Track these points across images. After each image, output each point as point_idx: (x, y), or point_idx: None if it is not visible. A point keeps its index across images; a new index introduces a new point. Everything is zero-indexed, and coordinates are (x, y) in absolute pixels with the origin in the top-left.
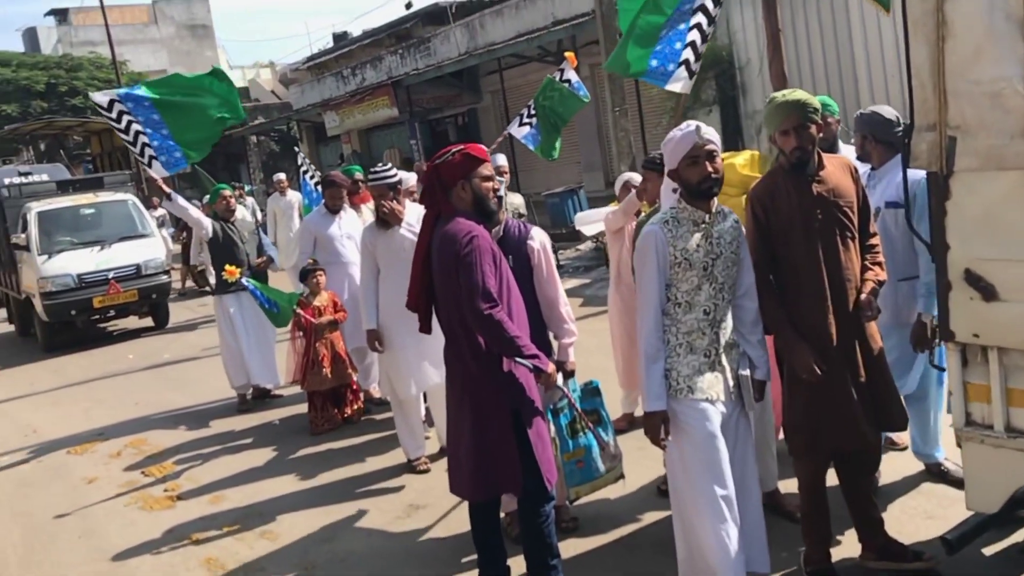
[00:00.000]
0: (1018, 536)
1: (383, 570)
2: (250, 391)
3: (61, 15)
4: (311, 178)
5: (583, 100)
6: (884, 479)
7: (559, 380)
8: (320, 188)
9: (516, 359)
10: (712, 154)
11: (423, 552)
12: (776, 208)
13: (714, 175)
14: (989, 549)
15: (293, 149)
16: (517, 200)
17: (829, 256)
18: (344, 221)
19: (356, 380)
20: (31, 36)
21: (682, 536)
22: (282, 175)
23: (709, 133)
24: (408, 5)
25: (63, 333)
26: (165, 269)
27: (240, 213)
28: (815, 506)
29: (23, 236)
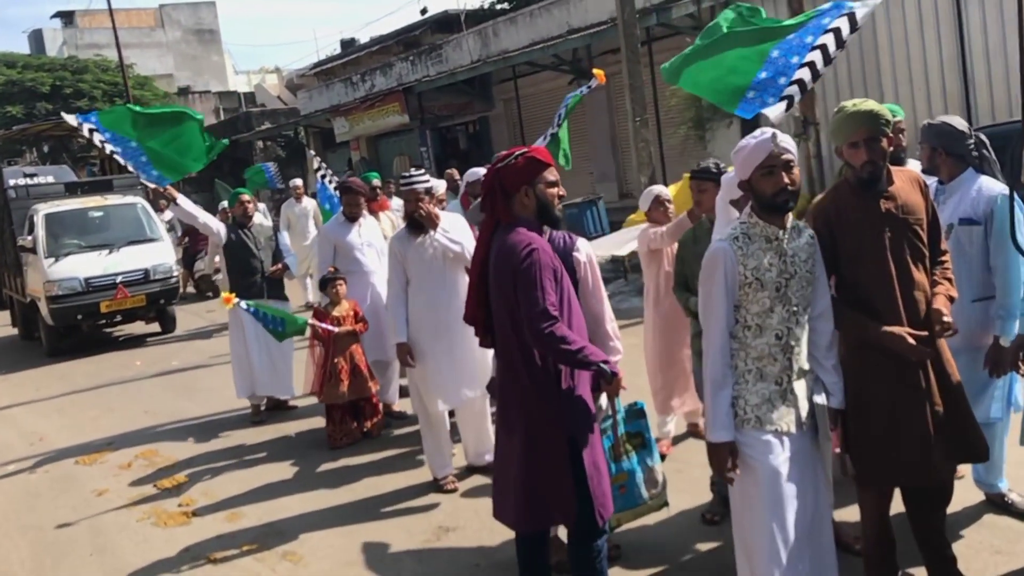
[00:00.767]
0: None
1: None
2: (264, 402)
3: (67, 17)
4: (329, 182)
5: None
6: None
7: (603, 401)
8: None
9: (586, 367)
10: (789, 164)
11: None
12: (843, 226)
13: (791, 187)
14: None
15: (301, 155)
16: None
17: (902, 277)
18: (364, 229)
19: (376, 393)
20: (37, 38)
21: (746, 569)
22: (298, 181)
23: (786, 141)
24: (423, 11)
25: (68, 338)
26: (174, 274)
27: (258, 219)
28: (880, 539)
29: (29, 238)
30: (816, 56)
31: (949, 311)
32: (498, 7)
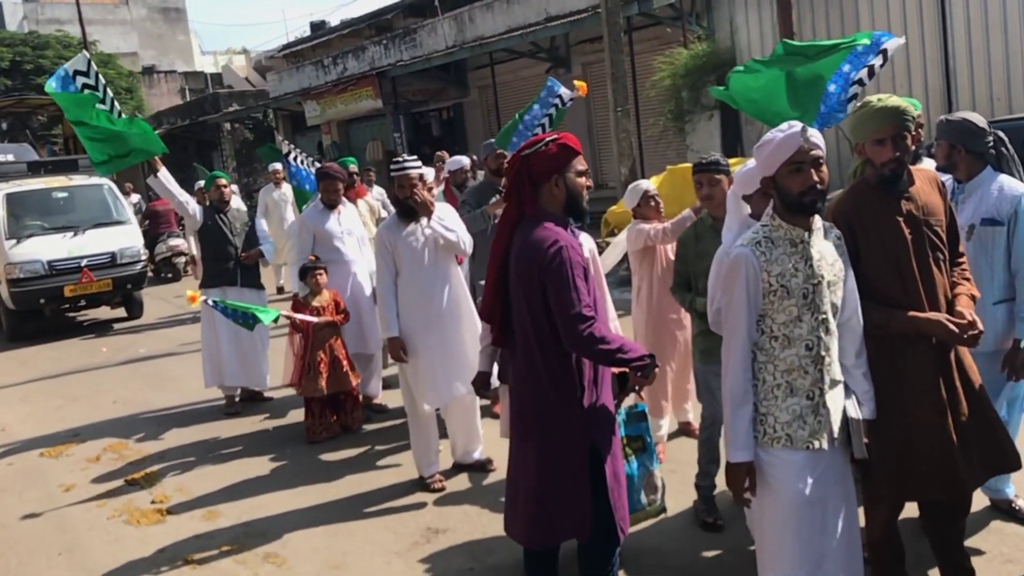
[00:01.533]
0: None
1: None
2: (238, 393)
3: None
4: (301, 163)
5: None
6: None
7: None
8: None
9: (624, 364)
10: (818, 161)
11: None
12: (863, 228)
13: (819, 186)
14: None
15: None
16: None
17: (925, 280)
18: (343, 216)
19: (356, 386)
20: None
21: None
22: (278, 165)
23: (816, 137)
24: None
25: (30, 322)
26: (141, 258)
27: (235, 203)
28: (889, 548)
29: None
30: (856, 89)
31: (972, 311)
32: None
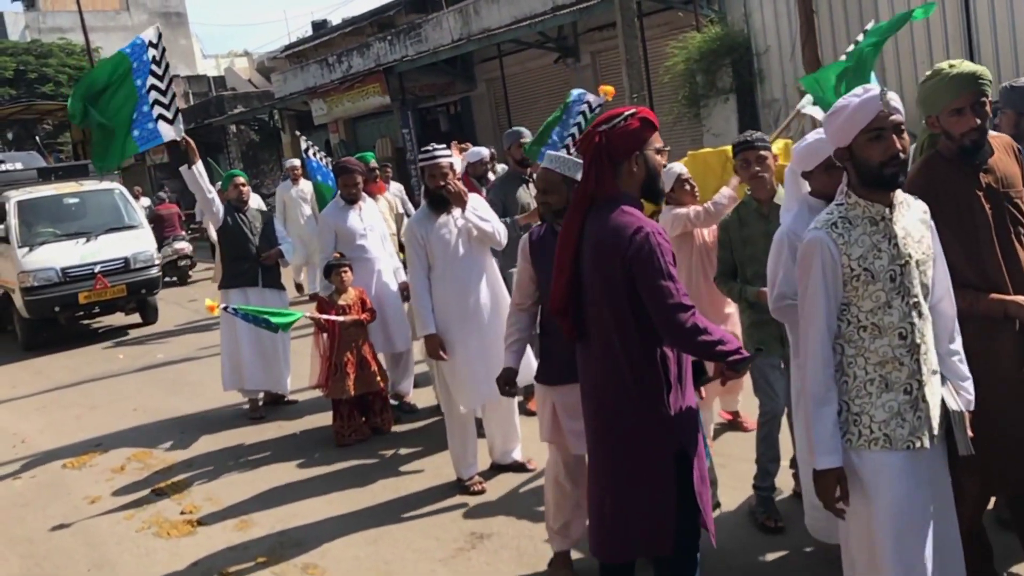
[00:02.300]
0: None
1: None
2: (261, 396)
3: (29, 1)
4: (314, 155)
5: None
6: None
7: None
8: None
9: (722, 358)
10: (900, 127)
11: None
12: (940, 204)
13: (902, 154)
14: None
15: (276, 139)
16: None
17: (1008, 257)
18: (365, 212)
19: (385, 387)
20: None
21: None
22: (296, 161)
23: (896, 100)
24: None
25: (44, 330)
26: (155, 262)
27: (255, 202)
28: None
29: (1, 227)
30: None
31: None
32: None
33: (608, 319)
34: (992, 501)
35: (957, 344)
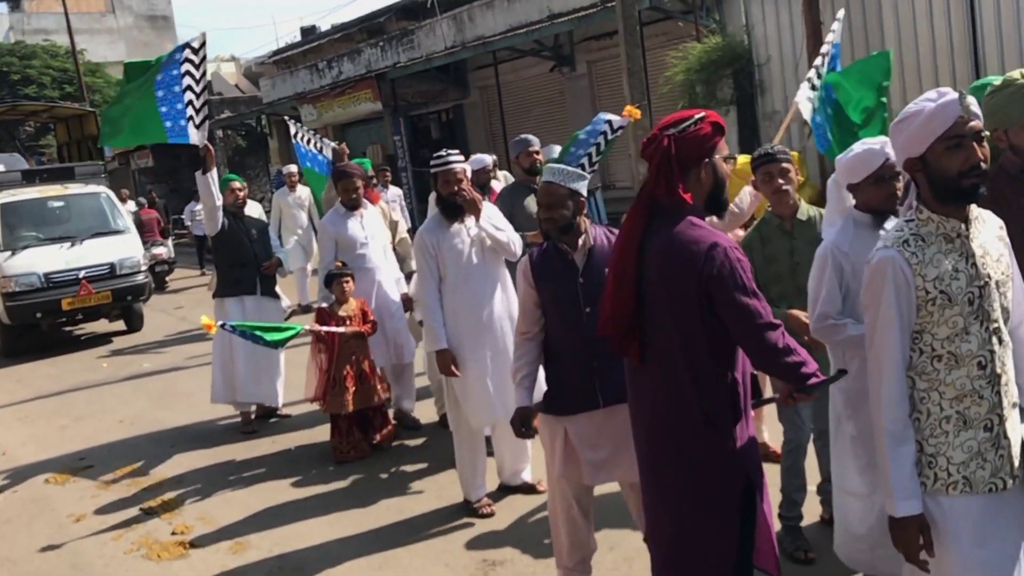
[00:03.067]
0: None
1: None
2: (253, 409)
3: (13, 2)
4: (315, 146)
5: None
6: None
7: None
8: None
9: (803, 380)
10: (980, 135)
11: None
12: (1003, 222)
13: (983, 164)
14: None
15: (264, 144)
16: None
17: None
18: (367, 220)
19: (385, 401)
20: None
21: None
22: (293, 167)
23: (975, 104)
24: None
25: (26, 337)
26: (142, 269)
27: (254, 209)
28: None
29: None
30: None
31: None
32: None
33: (674, 341)
34: None
35: None
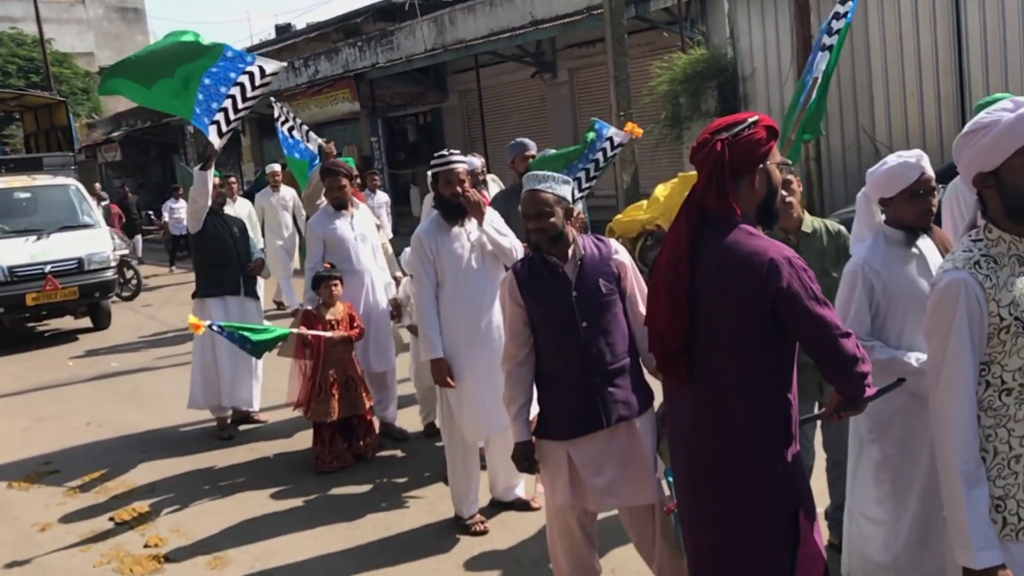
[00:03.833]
0: None
1: None
2: (229, 414)
3: None
4: (296, 132)
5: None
6: None
7: None
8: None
9: (861, 394)
10: None
11: None
12: None
13: None
14: None
15: (236, 141)
16: None
17: None
18: (356, 220)
19: (371, 409)
20: None
21: None
22: (276, 166)
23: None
24: None
25: None
26: (111, 264)
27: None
28: None
29: None
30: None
31: None
32: None
33: (728, 359)
34: None
35: None
